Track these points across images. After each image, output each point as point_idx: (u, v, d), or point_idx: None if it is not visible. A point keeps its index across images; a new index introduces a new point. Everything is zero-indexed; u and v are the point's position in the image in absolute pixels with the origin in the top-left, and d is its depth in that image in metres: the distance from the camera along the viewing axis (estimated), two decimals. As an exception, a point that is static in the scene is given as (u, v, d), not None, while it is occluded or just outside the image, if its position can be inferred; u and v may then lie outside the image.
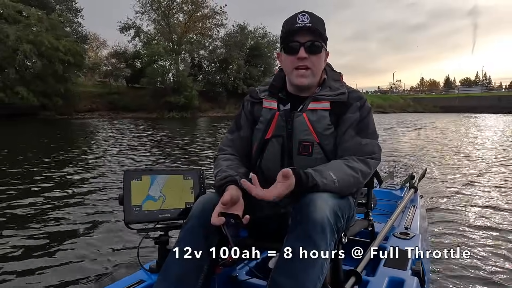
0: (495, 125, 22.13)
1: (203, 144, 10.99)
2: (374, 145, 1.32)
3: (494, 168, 6.68)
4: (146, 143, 11.12)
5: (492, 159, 7.89)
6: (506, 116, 31.99)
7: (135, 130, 16.52)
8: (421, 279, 1.44)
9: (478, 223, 3.44)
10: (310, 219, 1.07)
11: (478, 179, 5.62)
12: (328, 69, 1.44)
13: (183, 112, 32.10)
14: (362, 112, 1.33)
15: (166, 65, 34.77)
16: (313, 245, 1.05)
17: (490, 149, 9.73)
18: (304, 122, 1.31)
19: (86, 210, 3.88)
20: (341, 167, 1.22)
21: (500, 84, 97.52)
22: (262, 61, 39.98)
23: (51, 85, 25.99)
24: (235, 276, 1.51)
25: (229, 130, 1.52)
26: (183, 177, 1.51)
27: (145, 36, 37.57)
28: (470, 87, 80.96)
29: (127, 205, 1.40)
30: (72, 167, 6.65)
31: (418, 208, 2.48)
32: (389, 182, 3.27)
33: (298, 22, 1.29)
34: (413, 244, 1.72)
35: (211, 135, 14.59)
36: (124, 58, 37.86)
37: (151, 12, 37.16)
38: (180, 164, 7.30)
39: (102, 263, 2.57)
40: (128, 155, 8.40)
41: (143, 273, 1.45)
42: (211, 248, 1.19)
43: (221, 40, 39.46)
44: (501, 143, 11.37)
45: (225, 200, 1.15)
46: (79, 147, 10.27)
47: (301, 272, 1.03)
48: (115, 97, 32.20)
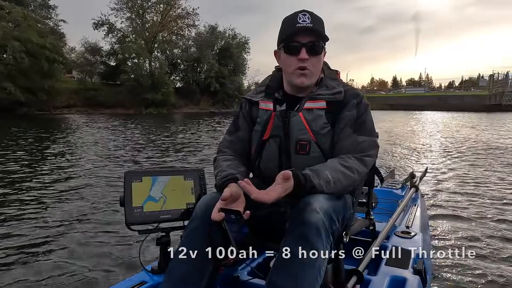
0: (435, 120, 23.20)
1: (196, 139, 10.74)
2: (371, 142, 1.24)
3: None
4: (144, 141, 10.52)
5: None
6: (445, 113, 33.47)
7: (122, 127, 15.49)
8: (423, 278, 1.37)
9: (480, 221, 3.28)
10: (306, 221, 1.01)
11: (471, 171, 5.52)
12: (325, 67, 1.36)
13: (160, 108, 31.33)
14: (359, 110, 1.25)
15: (141, 62, 33.72)
16: (310, 246, 0.99)
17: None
18: (300, 121, 1.23)
19: (87, 210, 3.62)
20: (337, 167, 1.15)
21: (440, 85, 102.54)
22: (232, 61, 39.70)
23: (36, 82, 24.81)
24: (237, 276, 1.43)
25: (228, 131, 1.43)
26: (184, 178, 1.41)
27: (118, 34, 36.16)
28: (415, 87, 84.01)
29: (128, 206, 1.30)
30: (71, 166, 6.23)
31: (419, 207, 2.37)
32: (390, 181, 3.14)
33: (299, 22, 1.21)
34: (414, 243, 1.64)
35: (198, 130, 14.30)
36: (99, 54, 36.32)
37: (126, 9, 35.89)
38: (180, 159, 7.06)
39: (103, 265, 2.40)
40: (127, 154, 7.85)
41: (145, 274, 1.34)
42: (215, 248, 1.09)
43: (193, 40, 38.88)
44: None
45: (225, 196, 1.08)
46: (75, 144, 9.46)
47: (299, 274, 0.98)
48: (92, 93, 30.83)
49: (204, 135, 12.53)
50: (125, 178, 1.31)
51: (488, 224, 3.22)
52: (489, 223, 3.23)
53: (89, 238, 2.88)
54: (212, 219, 1.04)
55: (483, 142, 10.20)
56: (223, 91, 37.32)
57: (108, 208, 3.68)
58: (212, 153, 7.02)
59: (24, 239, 2.84)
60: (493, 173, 5.72)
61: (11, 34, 23.22)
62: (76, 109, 29.14)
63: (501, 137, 11.85)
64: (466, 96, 44.99)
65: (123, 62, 34.63)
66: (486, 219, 3.36)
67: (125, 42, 35.15)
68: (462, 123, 19.62)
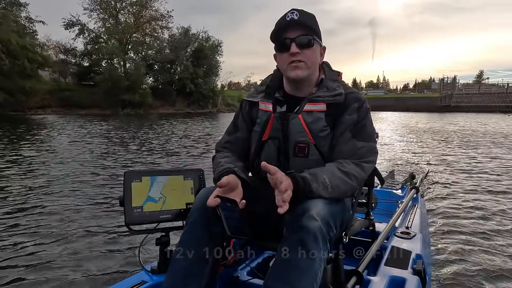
0: (396, 120, 23.84)
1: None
2: (370, 148, 1.19)
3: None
4: (130, 140, 9.98)
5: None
6: (403, 113, 34.75)
7: (104, 127, 14.68)
8: (423, 279, 1.33)
9: (480, 221, 3.12)
10: (303, 228, 0.97)
11: (477, 176, 5.19)
12: (326, 68, 1.30)
13: (137, 109, 30.36)
14: (359, 114, 1.19)
15: (115, 63, 32.58)
16: (307, 253, 0.96)
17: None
18: (299, 124, 1.18)
19: (86, 210, 3.41)
20: (335, 172, 1.10)
21: (396, 87, 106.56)
22: (206, 63, 39.18)
23: (16, 82, 23.29)
24: (237, 277, 1.37)
25: (227, 131, 1.37)
26: (184, 178, 1.35)
27: (90, 34, 34.56)
28: (374, 89, 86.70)
29: (128, 206, 1.23)
30: (70, 166, 5.87)
31: (419, 207, 2.28)
32: (390, 182, 3.04)
33: (287, 20, 1.16)
34: (414, 244, 1.57)
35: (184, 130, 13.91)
36: (73, 54, 34.61)
37: (99, 10, 34.40)
38: (180, 158, 6.80)
39: (103, 264, 2.27)
40: (123, 154, 7.40)
41: (145, 274, 1.28)
42: (215, 239, 1.09)
43: (167, 42, 37.99)
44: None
45: (222, 183, 1.04)
46: (65, 145, 8.75)
47: (295, 280, 0.94)
48: (67, 94, 29.27)
49: (194, 133, 12.26)
50: (124, 178, 1.25)
51: (488, 224, 3.08)
52: (489, 223, 3.09)
53: (89, 238, 2.73)
54: (208, 205, 1.01)
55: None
56: (198, 92, 36.72)
57: (107, 208, 3.50)
58: (212, 151, 6.86)
59: (22, 239, 2.67)
60: (492, 172, 5.47)
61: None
62: (51, 110, 27.61)
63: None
64: (420, 98, 47.05)
65: (96, 62, 33.18)
66: (486, 219, 3.20)
67: (98, 43, 33.70)
68: (430, 121, 19.95)
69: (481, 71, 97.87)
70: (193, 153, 7.63)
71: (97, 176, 5.11)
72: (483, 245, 2.61)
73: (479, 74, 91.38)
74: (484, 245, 2.61)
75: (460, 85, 47.77)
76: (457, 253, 2.45)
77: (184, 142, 9.71)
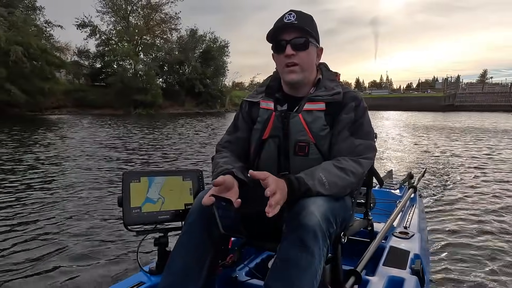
0: (401, 119, 23.50)
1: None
2: (367, 145, 1.16)
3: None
4: (146, 141, 9.85)
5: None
6: (408, 113, 34.32)
7: (122, 127, 14.49)
8: (421, 278, 1.30)
9: (479, 222, 3.04)
10: (303, 225, 0.94)
11: (476, 176, 5.05)
12: (323, 69, 1.28)
13: (148, 109, 30.56)
14: (357, 113, 1.17)
15: (128, 65, 32.76)
16: (306, 251, 0.92)
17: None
18: (299, 123, 1.15)
19: (85, 211, 3.37)
20: (331, 168, 1.07)
21: (399, 87, 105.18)
22: (214, 63, 39.24)
23: (36, 84, 23.87)
24: (235, 277, 1.34)
25: (227, 131, 1.34)
26: (182, 179, 1.31)
27: (102, 36, 34.69)
28: (378, 89, 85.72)
29: (126, 207, 1.20)
30: (69, 165, 5.85)
31: (417, 207, 2.24)
32: (388, 182, 2.99)
33: (284, 21, 1.14)
34: (412, 243, 1.54)
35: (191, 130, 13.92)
36: (87, 56, 34.95)
37: (111, 13, 34.61)
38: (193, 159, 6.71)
39: (101, 265, 2.23)
40: (131, 154, 7.29)
41: (143, 275, 1.24)
42: (213, 240, 1.06)
43: (176, 43, 38.18)
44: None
45: (217, 182, 1.01)
46: (75, 145, 8.74)
47: (295, 278, 0.91)
48: (81, 94, 29.62)
49: (203, 133, 12.23)
50: (123, 178, 1.21)
51: (487, 223, 3.02)
52: (488, 222, 3.03)
53: (88, 238, 2.70)
54: (202, 203, 1.00)
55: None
56: (207, 92, 36.81)
57: (106, 208, 3.47)
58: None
59: (21, 239, 2.64)
60: (492, 173, 5.33)
61: (14, 39, 22.31)
62: (67, 110, 27.97)
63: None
64: (424, 97, 46.49)
65: (108, 64, 33.46)
66: (484, 219, 3.13)
67: (109, 45, 33.93)
68: (433, 121, 19.67)
69: (485, 70, 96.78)
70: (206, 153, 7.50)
71: (109, 173, 5.11)
72: (482, 244, 2.56)
73: (482, 74, 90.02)
74: (483, 244, 2.57)
75: (464, 84, 47.16)
76: (455, 252, 2.40)
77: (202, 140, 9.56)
